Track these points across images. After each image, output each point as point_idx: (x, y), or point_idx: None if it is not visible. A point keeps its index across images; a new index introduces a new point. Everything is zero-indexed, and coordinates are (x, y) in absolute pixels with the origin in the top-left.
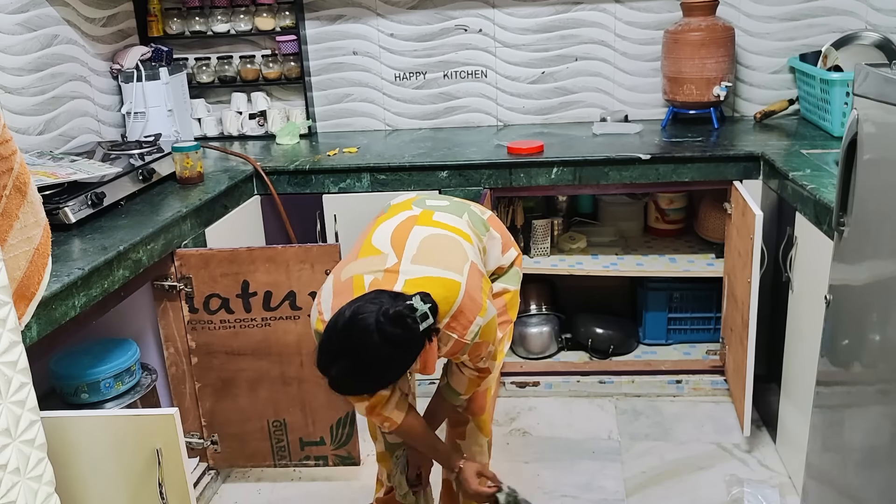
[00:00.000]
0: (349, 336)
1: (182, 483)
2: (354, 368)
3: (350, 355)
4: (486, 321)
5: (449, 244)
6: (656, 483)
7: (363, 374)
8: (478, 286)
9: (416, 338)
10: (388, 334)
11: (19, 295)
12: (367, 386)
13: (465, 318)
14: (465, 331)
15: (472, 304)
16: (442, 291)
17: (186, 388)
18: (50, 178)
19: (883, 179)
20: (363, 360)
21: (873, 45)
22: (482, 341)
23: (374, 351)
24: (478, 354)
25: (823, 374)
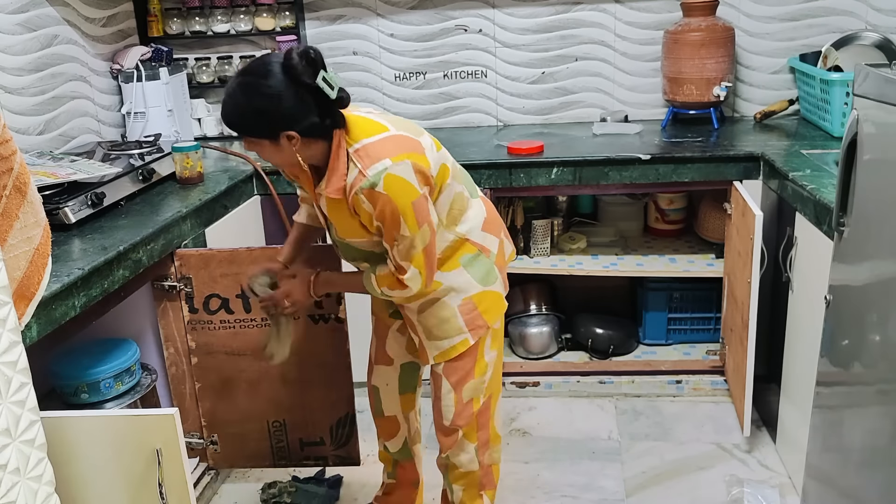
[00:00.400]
0: (251, 63)
1: (182, 483)
2: (242, 88)
3: (243, 76)
4: (394, 171)
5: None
6: (656, 483)
7: (250, 96)
8: (404, 147)
9: (313, 85)
10: (291, 63)
11: (19, 295)
12: (252, 113)
13: (374, 153)
14: (369, 164)
15: (385, 148)
16: (366, 126)
17: (186, 388)
18: (50, 178)
19: (883, 179)
20: (254, 83)
21: (873, 45)
22: (384, 195)
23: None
24: (387, 223)
25: (823, 374)
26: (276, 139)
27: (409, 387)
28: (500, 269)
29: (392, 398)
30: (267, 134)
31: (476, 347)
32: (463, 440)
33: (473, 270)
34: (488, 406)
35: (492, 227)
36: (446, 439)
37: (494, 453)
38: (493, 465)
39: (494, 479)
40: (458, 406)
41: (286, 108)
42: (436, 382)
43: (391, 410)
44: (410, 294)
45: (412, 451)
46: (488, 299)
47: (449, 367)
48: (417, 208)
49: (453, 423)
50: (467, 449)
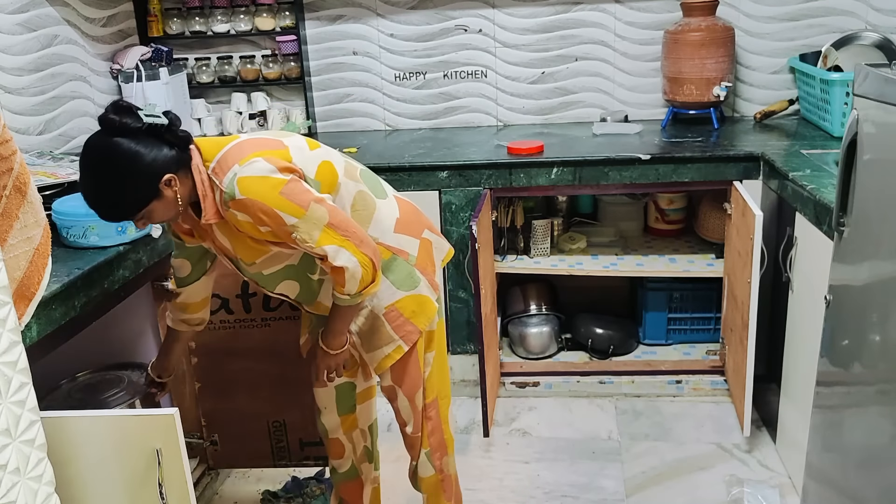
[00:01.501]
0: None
1: (182, 483)
2: (91, 175)
3: (83, 162)
4: (242, 173)
5: (280, 132)
6: (656, 483)
7: (100, 177)
8: (253, 145)
9: (135, 126)
10: (110, 122)
11: (19, 295)
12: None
13: (225, 164)
14: (222, 177)
15: (234, 154)
16: (215, 144)
17: (186, 388)
18: (50, 178)
19: (883, 179)
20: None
21: (873, 45)
22: (247, 199)
23: (97, 144)
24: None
25: (823, 374)
26: (159, 194)
27: (348, 407)
28: (423, 271)
29: (332, 420)
30: (152, 194)
31: (415, 353)
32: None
33: (392, 276)
34: (435, 407)
35: (408, 227)
36: (410, 448)
37: (450, 463)
38: (451, 476)
39: (456, 491)
40: (415, 413)
41: (147, 160)
42: (390, 395)
43: (334, 433)
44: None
45: (359, 469)
46: (414, 303)
47: (397, 378)
48: (289, 194)
49: (413, 431)
50: (423, 455)
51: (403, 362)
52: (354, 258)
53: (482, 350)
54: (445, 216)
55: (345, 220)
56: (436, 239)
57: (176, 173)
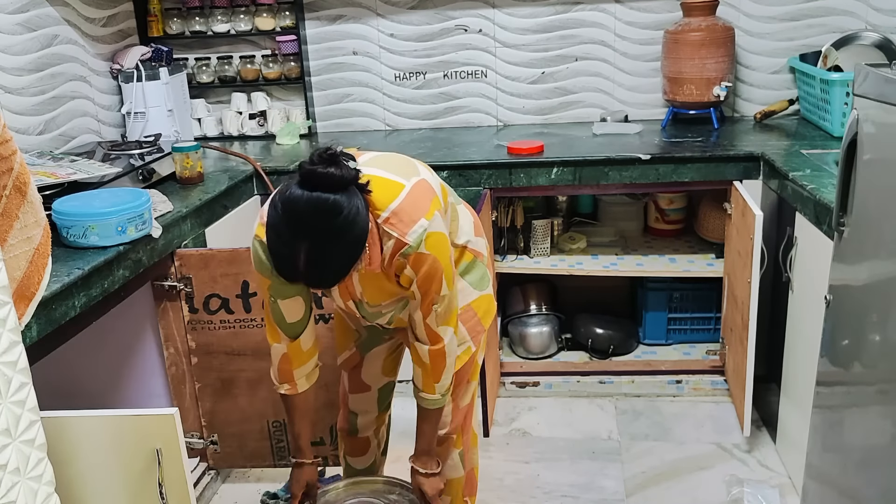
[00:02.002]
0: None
1: (182, 483)
2: (311, 235)
3: (302, 226)
4: (432, 228)
5: (403, 160)
6: (656, 483)
7: (324, 239)
8: (426, 196)
9: (347, 176)
10: (319, 174)
11: (19, 295)
12: (336, 257)
13: (406, 217)
14: (408, 229)
15: (415, 206)
16: (383, 187)
17: (186, 388)
18: (50, 178)
19: (883, 179)
20: (316, 224)
21: (873, 45)
22: (429, 255)
23: (318, 203)
24: (429, 285)
25: (823, 374)
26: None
27: (386, 404)
28: (490, 270)
29: (369, 420)
30: (362, 249)
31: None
32: (449, 448)
33: (470, 277)
34: (471, 407)
35: (479, 229)
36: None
37: (474, 455)
38: (474, 469)
39: (475, 485)
40: (455, 413)
41: (364, 219)
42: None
43: (365, 432)
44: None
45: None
46: (485, 303)
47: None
48: (450, 258)
49: (448, 432)
50: (452, 456)
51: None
52: (453, 352)
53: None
54: None
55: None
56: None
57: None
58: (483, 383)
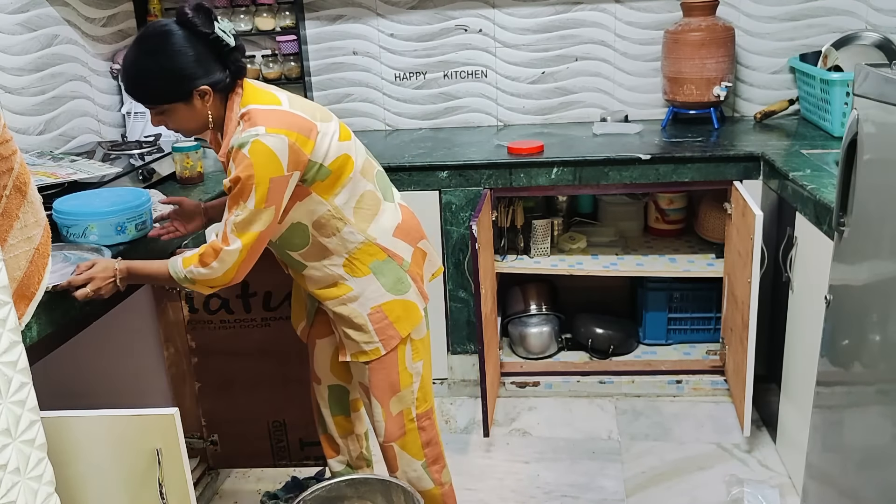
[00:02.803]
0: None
1: (182, 483)
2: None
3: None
4: (265, 140)
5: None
6: (656, 483)
7: (156, 58)
8: (291, 122)
9: (209, 32)
10: (187, 18)
11: (19, 295)
12: (162, 76)
13: (256, 118)
14: (246, 126)
15: (269, 117)
16: (261, 95)
17: (186, 388)
18: (50, 178)
19: (883, 179)
20: (156, 46)
21: (873, 45)
22: (247, 158)
23: (161, 27)
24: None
25: (823, 374)
26: (189, 98)
27: (341, 409)
28: (414, 278)
29: (327, 417)
30: (180, 94)
31: (394, 358)
32: (406, 456)
33: (383, 278)
34: (430, 418)
35: (406, 234)
36: (386, 457)
37: (447, 472)
38: (450, 486)
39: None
40: (388, 420)
41: (195, 62)
42: (366, 399)
43: (328, 429)
44: (214, 276)
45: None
46: (399, 308)
47: (373, 381)
48: (274, 185)
49: (386, 439)
50: (414, 466)
51: (380, 366)
52: (229, 265)
53: (482, 350)
54: (445, 216)
55: (262, 244)
56: (431, 252)
57: (214, 91)
58: (483, 383)
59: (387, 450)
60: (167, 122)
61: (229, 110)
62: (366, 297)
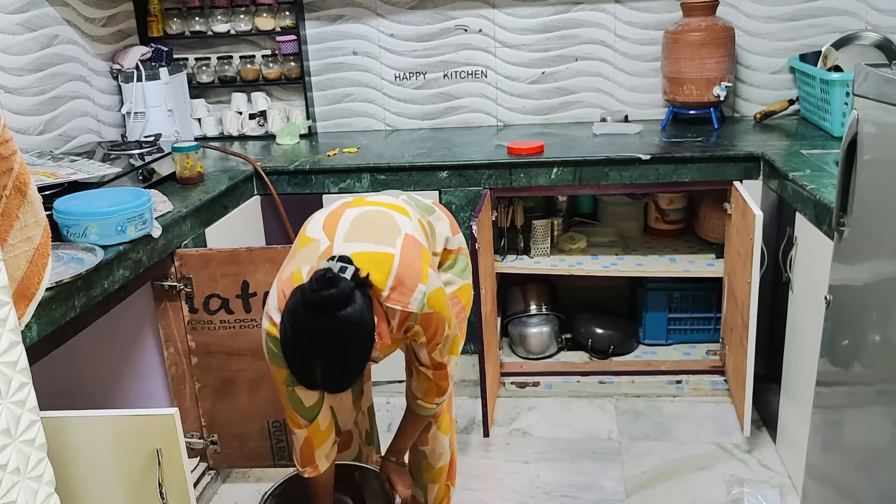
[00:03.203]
0: (301, 331)
1: (182, 483)
2: (327, 353)
3: (316, 346)
4: (430, 289)
5: (381, 218)
6: (656, 483)
7: (338, 354)
8: (416, 256)
9: (348, 289)
10: (322, 299)
11: (19, 295)
12: (351, 364)
13: (405, 287)
14: (408, 299)
15: (410, 272)
16: (374, 264)
17: (186, 388)
18: (50, 178)
19: (883, 179)
20: (329, 343)
21: (873, 45)
22: (433, 313)
23: (327, 325)
24: (435, 334)
25: (823, 374)
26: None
27: (359, 390)
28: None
29: (346, 412)
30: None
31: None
32: (438, 433)
33: (454, 269)
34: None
35: (455, 227)
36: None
37: (454, 441)
38: (454, 454)
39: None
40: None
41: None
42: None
43: (346, 425)
44: (448, 391)
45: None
46: (469, 292)
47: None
48: (450, 309)
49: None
50: (441, 443)
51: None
52: (453, 374)
53: (482, 350)
54: None
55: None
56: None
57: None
58: (483, 383)
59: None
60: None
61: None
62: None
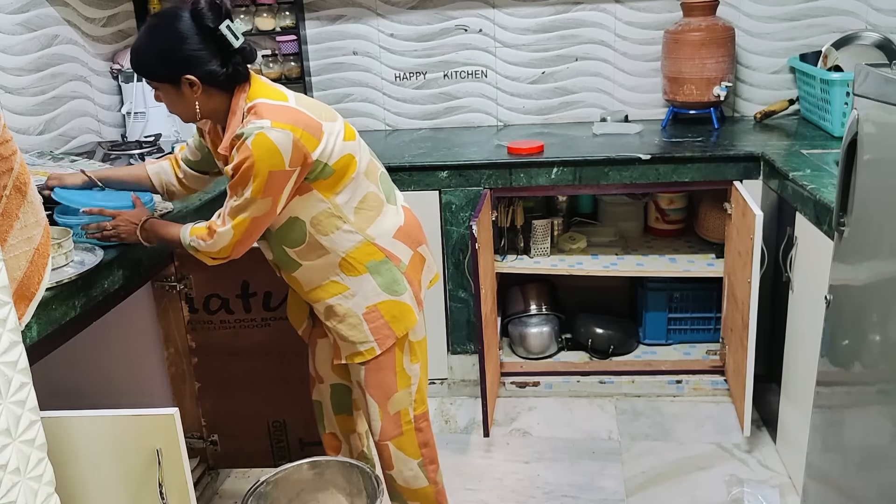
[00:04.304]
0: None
1: (182, 483)
2: (149, 30)
3: (152, 19)
4: (269, 133)
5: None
6: (656, 483)
7: (156, 37)
8: (297, 119)
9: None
10: (197, 8)
11: (19, 295)
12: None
13: (263, 112)
14: (256, 117)
15: (275, 111)
16: (269, 91)
17: (186, 388)
18: None
19: (883, 179)
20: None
21: (873, 45)
22: (249, 153)
23: (171, 11)
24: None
25: (823, 374)
26: (177, 83)
27: (344, 408)
28: (410, 281)
29: (328, 416)
30: (168, 76)
31: (391, 358)
32: (402, 455)
33: (379, 278)
34: (426, 420)
35: (407, 237)
36: (381, 456)
37: (439, 474)
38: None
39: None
40: (385, 420)
41: (188, 50)
42: (362, 398)
43: (330, 427)
44: (212, 251)
45: None
46: (395, 309)
47: (369, 381)
48: (273, 179)
49: (382, 437)
50: (409, 465)
51: (377, 366)
52: (223, 244)
53: (482, 350)
54: (445, 216)
55: (258, 230)
56: (429, 258)
57: (207, 86)
58: (483, 383)
59: (382, 448)
60: (164, 102)
61: (234, 104)
62: (361, 295)
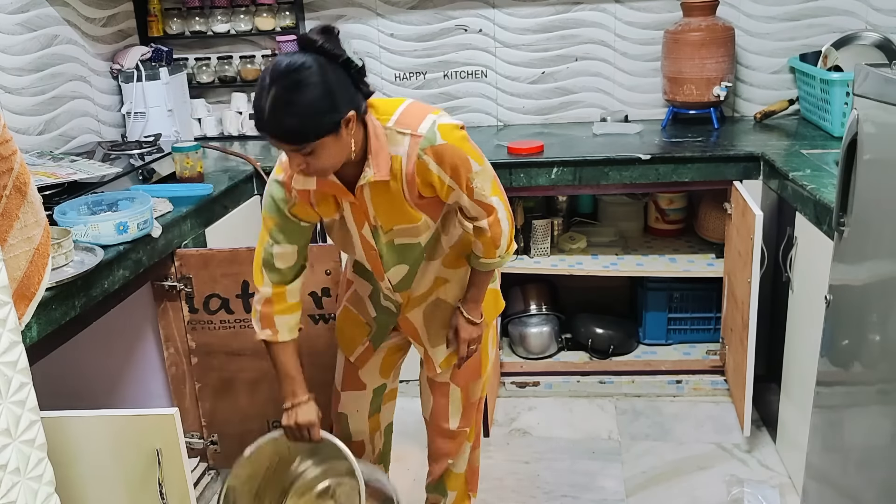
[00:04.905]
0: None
1: (182, 483)
2: (289, 90)
3: (272, 79)
4: (442, 120)
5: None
6: (656, 483)
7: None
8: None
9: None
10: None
11: (19, 295)
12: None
13: (412, 117)
14: (418, 122)
15: (418, 109)
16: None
17: (186, 388)
18: (50, 178)
19: (883, 179)
20: (298, 79)
21: (873, 45)
22: (447, 144)
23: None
24: (458, 168)
25: (823, 374)
26: (338, 129)
27: (378, 407)
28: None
29: (361, 422)
30: (330, 127)
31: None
32: (462, 441)
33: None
34: (482, 402)
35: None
36: (452, 444)
37: (478, 452)
38: (477, 466)
39: (477, 482)
40: (467, 407)
41: (337, 89)
42: (440, 389)
43: (359, 435)
44: (510, 231)
45: None
46: (491, 296)
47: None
48: (473, 144)
49: (461, 426)
50: (464, 449)
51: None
52: (506, 219)
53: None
54: None
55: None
56: None
57: (357, 116)
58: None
59: (455, 436)
60: (312, 162)
61: (373, 129)
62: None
